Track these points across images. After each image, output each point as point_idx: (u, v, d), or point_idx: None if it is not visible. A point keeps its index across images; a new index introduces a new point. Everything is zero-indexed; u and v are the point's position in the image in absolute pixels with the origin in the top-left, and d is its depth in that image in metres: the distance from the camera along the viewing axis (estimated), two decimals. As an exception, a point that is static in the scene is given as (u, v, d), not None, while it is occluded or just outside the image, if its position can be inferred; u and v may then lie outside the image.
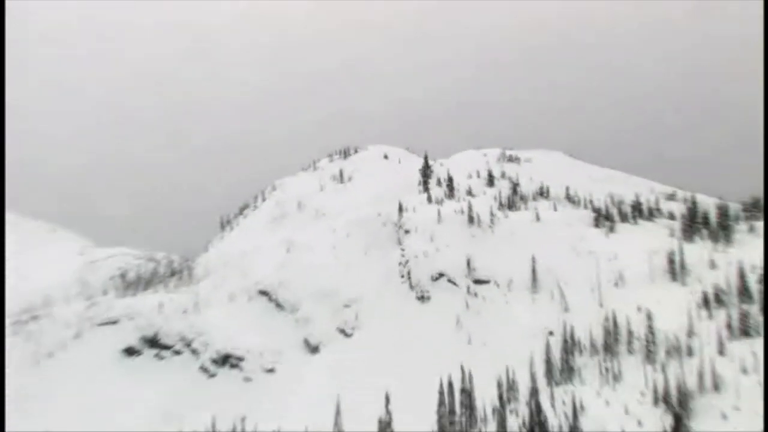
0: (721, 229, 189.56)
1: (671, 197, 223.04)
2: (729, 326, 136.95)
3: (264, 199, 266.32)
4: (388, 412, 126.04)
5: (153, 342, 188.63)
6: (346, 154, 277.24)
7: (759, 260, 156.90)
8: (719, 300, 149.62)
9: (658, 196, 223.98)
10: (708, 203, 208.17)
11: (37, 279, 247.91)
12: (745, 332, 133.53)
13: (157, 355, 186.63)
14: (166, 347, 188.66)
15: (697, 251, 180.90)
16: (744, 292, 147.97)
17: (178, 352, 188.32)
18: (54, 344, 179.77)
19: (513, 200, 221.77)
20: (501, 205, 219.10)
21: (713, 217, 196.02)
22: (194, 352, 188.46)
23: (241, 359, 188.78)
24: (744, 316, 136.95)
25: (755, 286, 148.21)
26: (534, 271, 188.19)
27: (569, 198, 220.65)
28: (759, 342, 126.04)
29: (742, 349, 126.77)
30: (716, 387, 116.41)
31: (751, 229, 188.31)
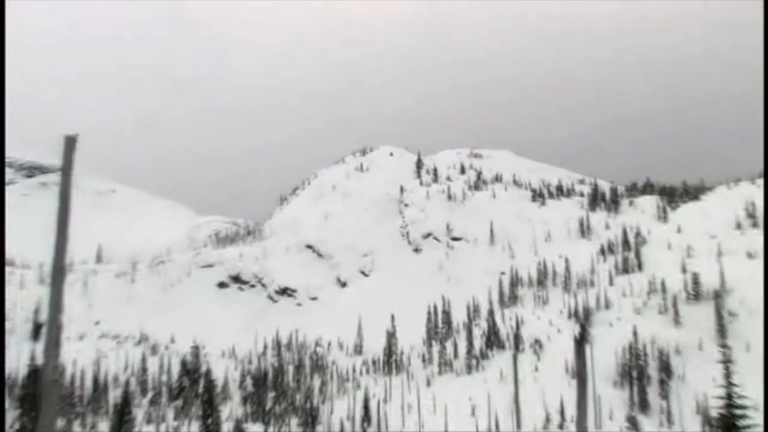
0: (612, 203, 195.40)
1: (581, 181, 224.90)
2: (616, 266, 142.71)
3: (309, 183, 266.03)
4: (393, 326, 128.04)
5: (236, 279, 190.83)
6: (364, 152, 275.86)
7: (635, 223, 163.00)
8: (611, 249, 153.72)
9: (573, 180, 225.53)
10: (605, 185, 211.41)
11: (163, 237, 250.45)
12: (625, 270, 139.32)
13: (239, 288, 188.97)
14: (245, 282, 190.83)
15: (598, 218, 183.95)
16: (625, 244, 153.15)
17: (252, 286, 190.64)
18: (174, 279, 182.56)
19: (477, 184, 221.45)
20: (470, 187, 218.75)
21: (608, 194, 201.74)
22: (263, 285, 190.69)
23: (294, 291, 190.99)
24: (625, 260, 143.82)
25: (632, 240, 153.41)
26: (492, 232, 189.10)
27: (515, 182, 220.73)
28: (636, 276, 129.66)
29: (623, 281, 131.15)
30: (607, 306, 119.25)
31: (631, 203, 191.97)
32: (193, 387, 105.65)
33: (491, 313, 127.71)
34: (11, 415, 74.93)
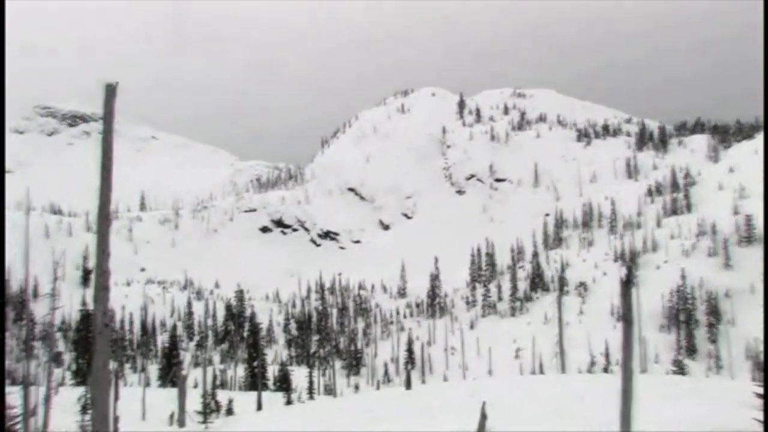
0: (661, 142, 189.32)
1: (628, 121, 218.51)
2: (664, 208, 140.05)
3: (349, 125, 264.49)
4: (436, 268, 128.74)
5: (279, 223, 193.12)
6: (405, 93, 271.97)
7: (685, 163, 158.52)
8: (659, 190, 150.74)
9: (620, 120, 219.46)
10: (653, 125, 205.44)
11: (204, 182, 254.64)
12: (674, 211, 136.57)
13: (281, 232, 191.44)
14: (287, 226, 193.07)
15: (645, 158, 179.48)
16: (673, 185, 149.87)
17: (295, 230, 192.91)
18: (217, 224, 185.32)
19: (521, 124, 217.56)
20: (513, 127, 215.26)
21: (656, 134, 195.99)
22: (306, 229, 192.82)
23: (337, 234, 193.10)
24: (674, 201, 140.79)
25: (681, 180, 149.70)
26: (536, 173, 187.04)
27: (559, 122, 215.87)
28: (684, 218, 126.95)
29: (671, 222, 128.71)
30: (654, 248, 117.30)
31: (680, 143, 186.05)
32: (238, 331, 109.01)
33: (536, 255, 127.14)
34: (68, 357, 78.59)
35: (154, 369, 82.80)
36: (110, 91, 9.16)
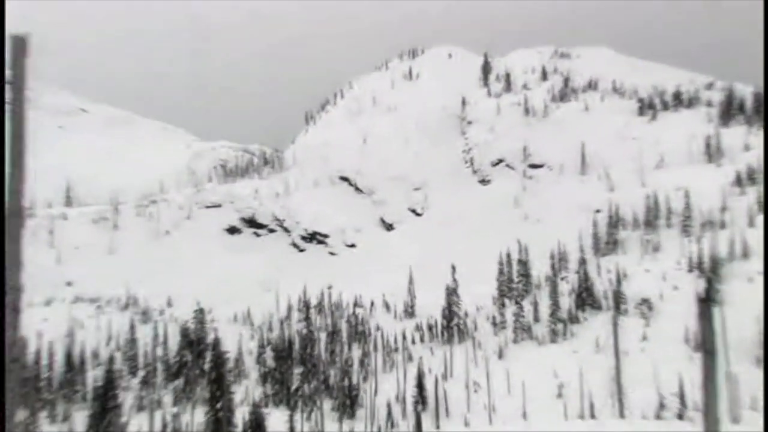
0: (755, 114, 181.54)
1: (710, 86, 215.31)
2: (758, 201, 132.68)
3: (342, 96, 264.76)
4: (454, 280, 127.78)
5: (251, 222, 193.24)
6: (413, 54, 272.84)
7: None
8: (751, 178, 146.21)
9: (698, 85, 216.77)
10: (745, 91, 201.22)
11: (152, 169, 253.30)
12: None
13: (254, 234, 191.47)
14: (262, 226, 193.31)
15: (733, 135, 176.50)
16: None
17: (272, 230, 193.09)
18: (170, 224, 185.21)
19: (564, 93, 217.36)
20: (554, 98, 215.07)
21: (749, 102, 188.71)
22: (286, 230, 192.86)
23: (326, 236, 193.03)
24: None
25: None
26: (583, 156, 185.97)
27: (615, 89, 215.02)
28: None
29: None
30: (745, 254, 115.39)
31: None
32: (197, 362, 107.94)
33: (583, 262, 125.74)
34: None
35: (81, 417, 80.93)
36: (20, 45, 8.72)
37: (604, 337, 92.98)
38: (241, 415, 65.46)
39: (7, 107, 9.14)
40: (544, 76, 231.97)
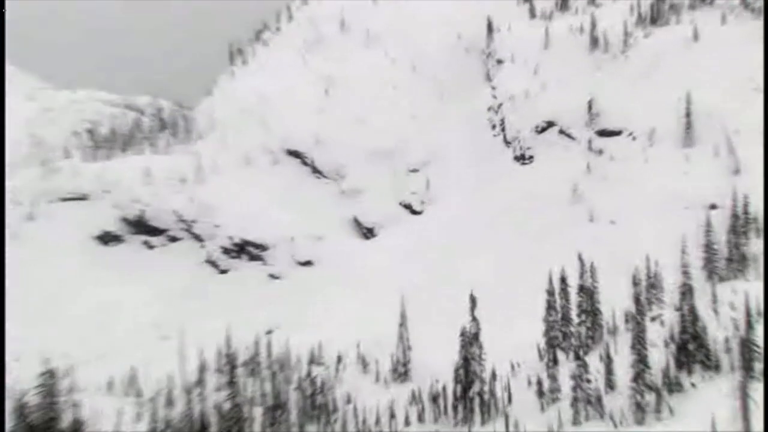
0: None
1: None
2: None
3: (291, 18, 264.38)
4: (474, 319, 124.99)
5: (139, 225, 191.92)
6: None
7: None
8: None
9: None
10: None
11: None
12: None
13: (145, 243, 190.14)
14: (158, 231, 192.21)
15: None
16: None
17: (174, 239, 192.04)
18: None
19: (659, 10, 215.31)
20: (640, 19, 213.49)
21: None
22: (198, 238, 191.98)
23: (264, 248, 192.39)
24: None
25: None
26: (689, 116, 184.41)
27: (745, 4, 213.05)
28: None
29: None
30: None
31: None
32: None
33: (688, 291, 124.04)
34: None
35: None
36: None
37: (725, 416, 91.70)
38: None
39: None
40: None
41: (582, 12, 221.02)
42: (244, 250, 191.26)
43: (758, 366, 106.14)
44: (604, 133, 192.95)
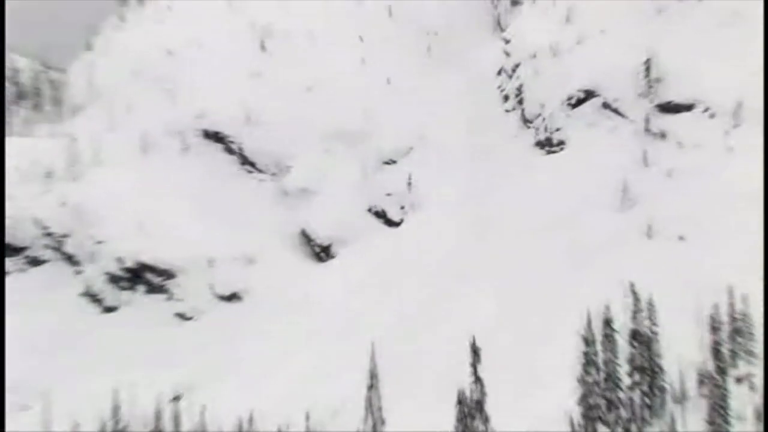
0: None
1: None
2: None
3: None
4: (477, 379, 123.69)
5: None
6: None
7: None
8: None
9: None
10: None
11: None
12: None
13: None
14: (12, 251, 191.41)
15: None
16: None
17: (36, 261, 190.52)
18: None
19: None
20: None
21: None
22: (71, 260, 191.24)
23: (170, 275, 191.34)
24: None
25: None
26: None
27: None
28: None
29: None
30: None
31: None
32: None
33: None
34: None
35: None
36: None
37: None
38: None
39: None
40: None
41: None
42: (141, 277, 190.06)
43: None
44: (667, 108, 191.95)
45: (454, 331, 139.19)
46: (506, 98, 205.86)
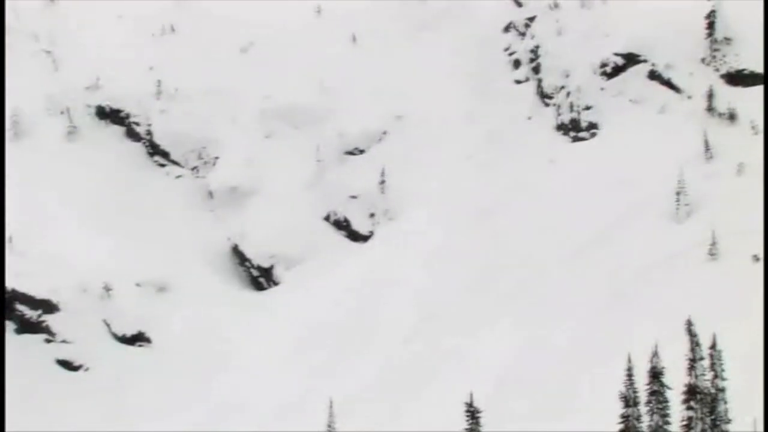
0: None
1: None
2: None
3: None
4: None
5: None
6: None
7: None
8: None
9: None
10: None
11: None
12: None
13: None
14: None
15: None
16: None
17: None
18: None
19: None
20: None
21: None
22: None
23: (51, 307, 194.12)
24: None
25: None
26: None
27: None
28: None
29: None
30: None
31: None
32: None
33: None
34: None
35: None
36: None
37: None
38: None
39: None
40: None
41: None
42: (10, 311, 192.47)
43: None
44: (738, 79, 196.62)
45: (448, 389, 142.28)
46: (516, 64, 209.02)
